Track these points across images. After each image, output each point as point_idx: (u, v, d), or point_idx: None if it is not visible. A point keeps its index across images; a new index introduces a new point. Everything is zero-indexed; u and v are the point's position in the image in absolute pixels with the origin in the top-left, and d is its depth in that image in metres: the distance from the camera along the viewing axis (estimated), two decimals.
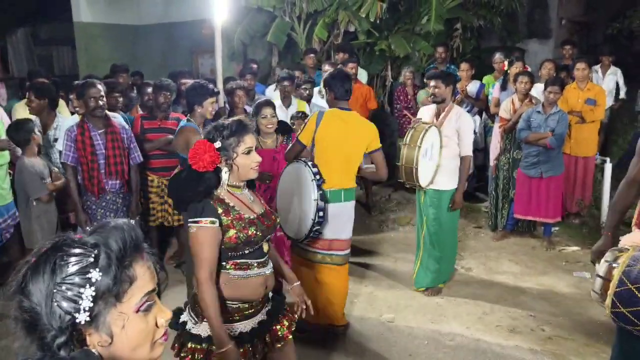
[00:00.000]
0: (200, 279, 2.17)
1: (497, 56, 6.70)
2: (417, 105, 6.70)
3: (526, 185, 5.34)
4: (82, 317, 0.97)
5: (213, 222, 2.20)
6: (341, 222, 3.71)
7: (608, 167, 5.53)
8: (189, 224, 2.23)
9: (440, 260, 4.48)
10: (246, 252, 2.28)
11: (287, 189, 3.69)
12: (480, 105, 6.32)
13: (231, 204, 2.28)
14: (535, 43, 10.63)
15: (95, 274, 0.98)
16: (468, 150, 4.33)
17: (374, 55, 8.19)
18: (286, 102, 5.47)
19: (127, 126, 4.41)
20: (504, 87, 6.09)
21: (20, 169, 4.21)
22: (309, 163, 3.55)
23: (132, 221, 1.11)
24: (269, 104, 4.13)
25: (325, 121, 3.63)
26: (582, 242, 5.45)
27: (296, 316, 2.54)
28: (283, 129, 4.23)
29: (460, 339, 3.84)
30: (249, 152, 2.28)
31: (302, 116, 4.99)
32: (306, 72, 6.73)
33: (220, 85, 5.22)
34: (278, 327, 2.42)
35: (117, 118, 4.38)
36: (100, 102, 4.08)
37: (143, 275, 1.07)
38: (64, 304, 0.97)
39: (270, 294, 2.48)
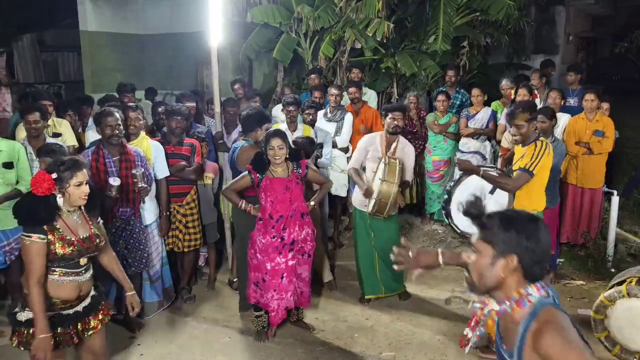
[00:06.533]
0: (30, 283, 2.75)
1: (504, 82, 6.58)
2: (426, 129, 6.66)
3: None
4: None
5: (42, 238, 2.77)
6: None
7: (615, 200, 5.45)
8: (24, 237, 2.77)
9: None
10: (62, 264, 2.86)
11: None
12: (488, 133, 6.25)
13: (57, 226, 2.83)
14: (542, 59, 10.54)
15: None
16: (409, 176, 4.89)
17: (379, 73, 8.14)
18: (292, 126, 5.43)
19: (142, 154, 4.37)
20: None
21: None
22: None
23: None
24: (278, 134, 4.03)
25: (549, 150, 3.98)
26: (587, 276, 5.37)
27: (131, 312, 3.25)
28: (291, 156, 4.17)
29: None
30: (79, 185, 2.83)
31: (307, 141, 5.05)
32: (310, 94, 6.68)
33: (217, 109, 5.31)
34: (92, 318, 3.00)
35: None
36: (117, 131, 4.12)
37: None
38: None
39: (93, 293, 3.08)
